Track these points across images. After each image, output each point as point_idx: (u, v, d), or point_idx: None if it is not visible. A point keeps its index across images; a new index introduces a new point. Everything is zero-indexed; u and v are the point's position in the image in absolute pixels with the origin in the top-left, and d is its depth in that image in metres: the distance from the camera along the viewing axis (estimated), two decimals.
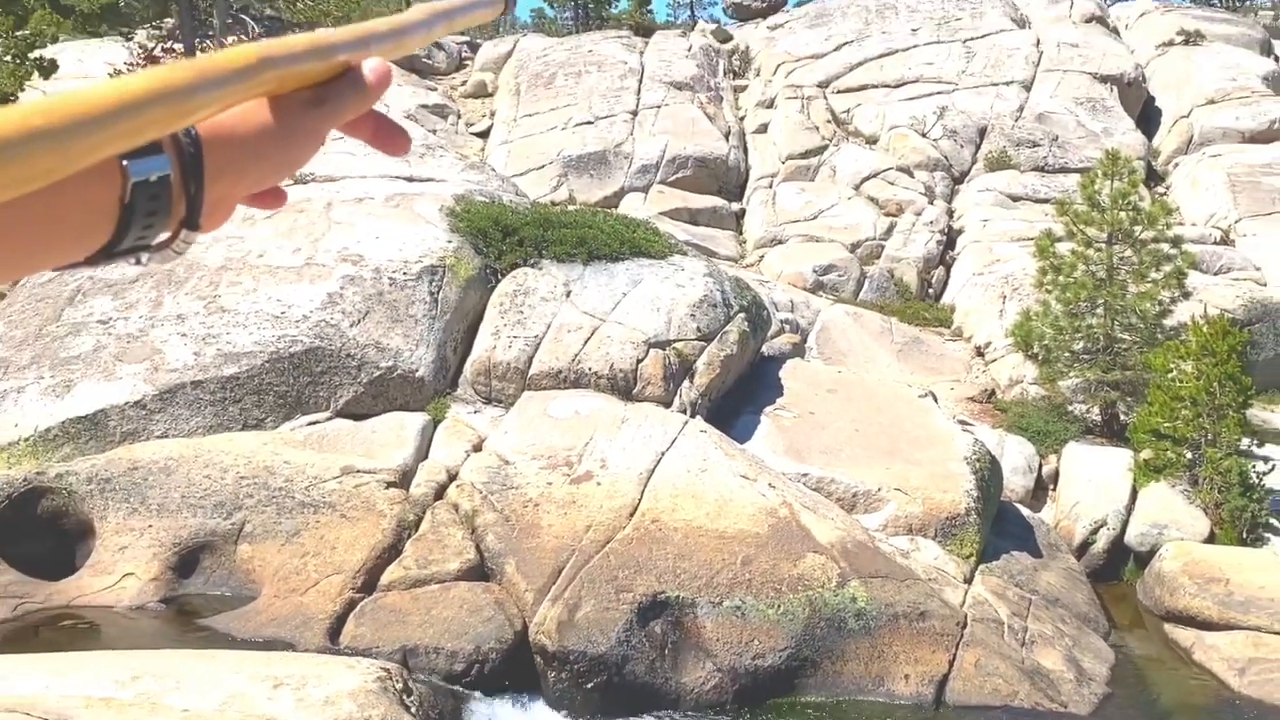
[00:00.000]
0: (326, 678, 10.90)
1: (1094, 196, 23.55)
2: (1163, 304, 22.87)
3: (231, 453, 16.62)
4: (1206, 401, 19.43)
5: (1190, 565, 18.13)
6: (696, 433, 17.44)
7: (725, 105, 41.90)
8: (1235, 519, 18.82)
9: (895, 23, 43.84)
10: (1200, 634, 17.22)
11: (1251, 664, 16.31)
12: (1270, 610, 16.97)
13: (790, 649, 14.82)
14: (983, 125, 37.73)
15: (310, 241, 19.88)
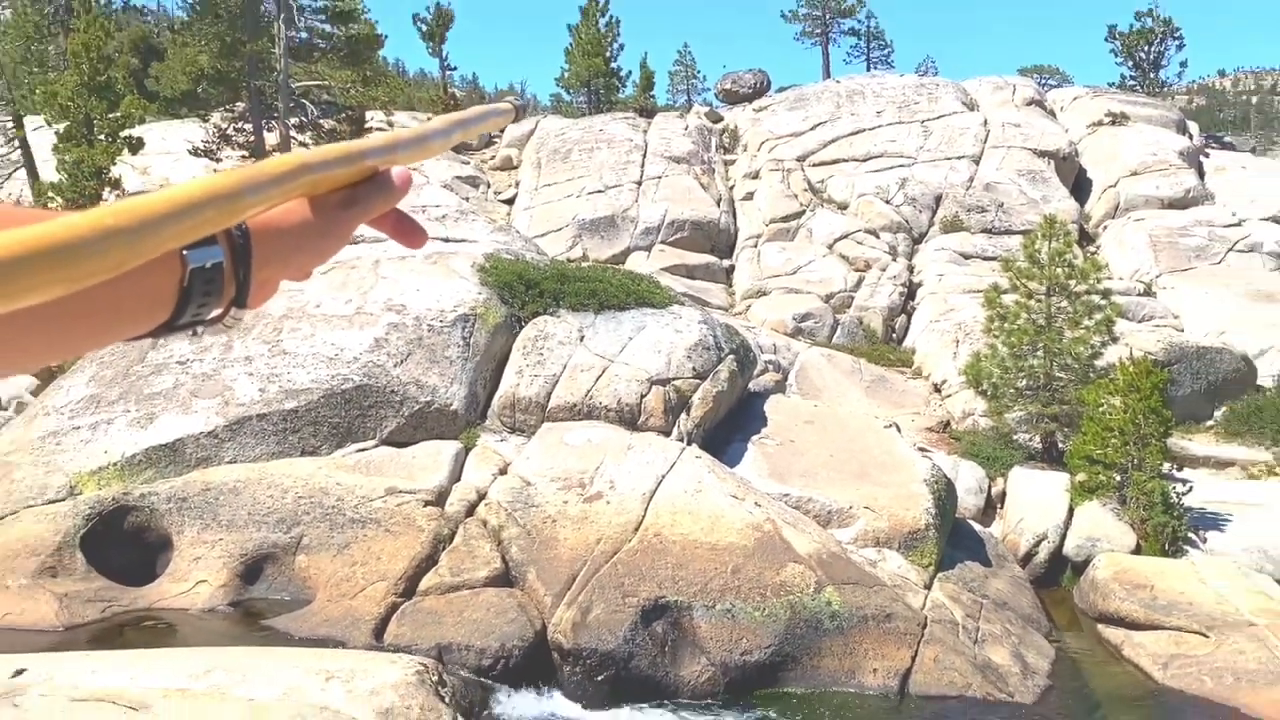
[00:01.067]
0: (372, 671, 10.87)
1: (1034, 255, 23.61)
2: (1094, 347, 22.88)
3: (291, 475, 16.65)
4: (1132, 431, 19.44)
5: (1119, 574, 18.11)
6: (692, 458, 17.44)
7: (717, 176, 42.03)
8: (1158, 533, 18.80)
9: (863, 106, 44.00)
10: (1128, 633, 17.17)
11: (1173, 659, 16.26)
12: (1189, 613, 16.93)
13: (774, 646, 14.76)
14: (938, 193, 37.84)
15: (360, 293, 19.94)
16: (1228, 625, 16.52)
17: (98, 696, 9.36)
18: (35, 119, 31.71)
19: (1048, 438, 22.92)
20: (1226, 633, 16.40)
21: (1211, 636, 16.45)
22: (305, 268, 1.07)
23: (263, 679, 10.21)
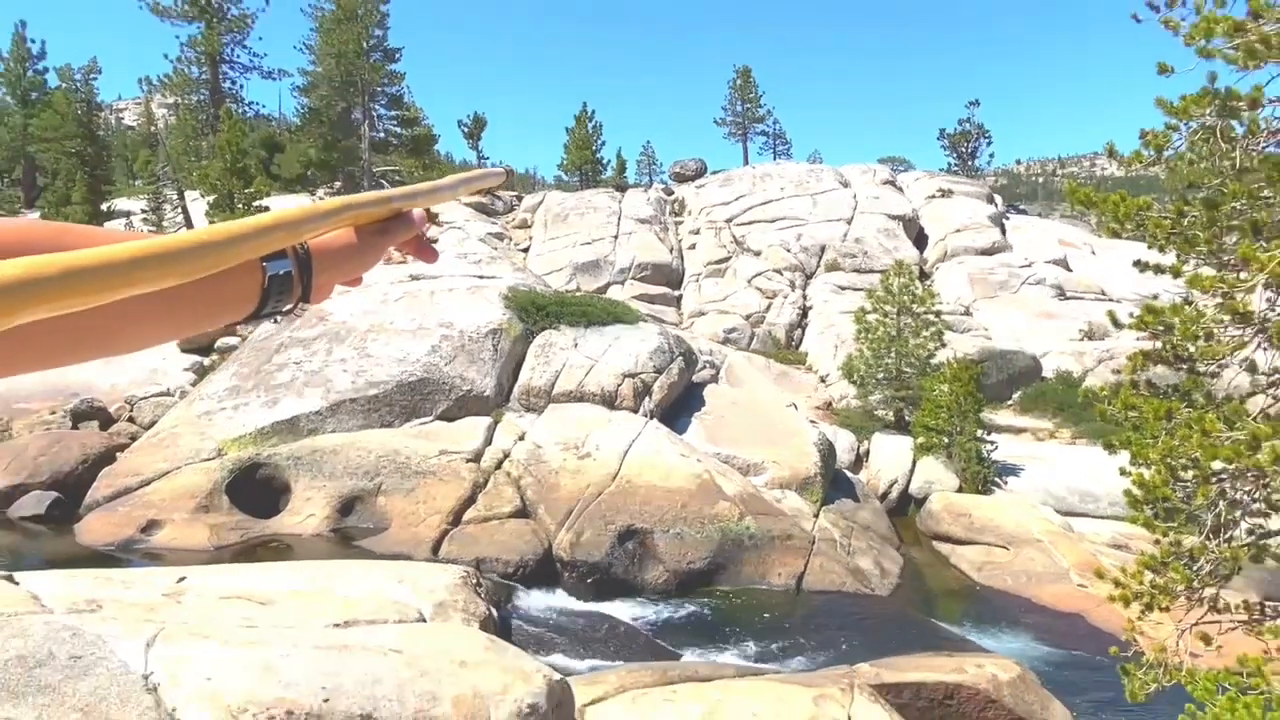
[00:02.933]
0: (430, 576, 10.88)
1: (889, 287, 23.77)
2: (930, 350, 23.07)
3: (373, 441, 16.67)
4: (956, 408, 19.61)
5: (947, 506, 18.26)
6: (653, 428, 17.54)
7: (669, 233, 42.13)
8: (974, 478, 18.98)
9: (771, 184, 44.14)
10: (954, 547, 17.32)
11: (984, 565, 16.41)
12: (995, 533, 17.09)
13: (710, 558, 14.83)
14: (823, 244, 37.99)
15: (421, 315, 19.95)
16: (1022, 541, 16.69)
17: (237, 595, 9.35)
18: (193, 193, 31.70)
19: (898, 413, 23.10)
20: (1021, 547, 16.57)
21: (1011, 549, 16.61)
22: (351, 275, 1.12)
23: (354, 582, 10.21)
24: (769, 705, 8.61)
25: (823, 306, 33.64)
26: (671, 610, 13.96)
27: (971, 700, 10.10)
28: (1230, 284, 5.98)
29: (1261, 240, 5.91)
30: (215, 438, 16.99)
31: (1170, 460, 6.14)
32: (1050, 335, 29.56)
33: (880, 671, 10.40)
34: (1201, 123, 6.15)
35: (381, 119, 33.19)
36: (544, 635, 12.60)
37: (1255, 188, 6.27)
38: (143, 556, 14.26)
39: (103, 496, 15.97)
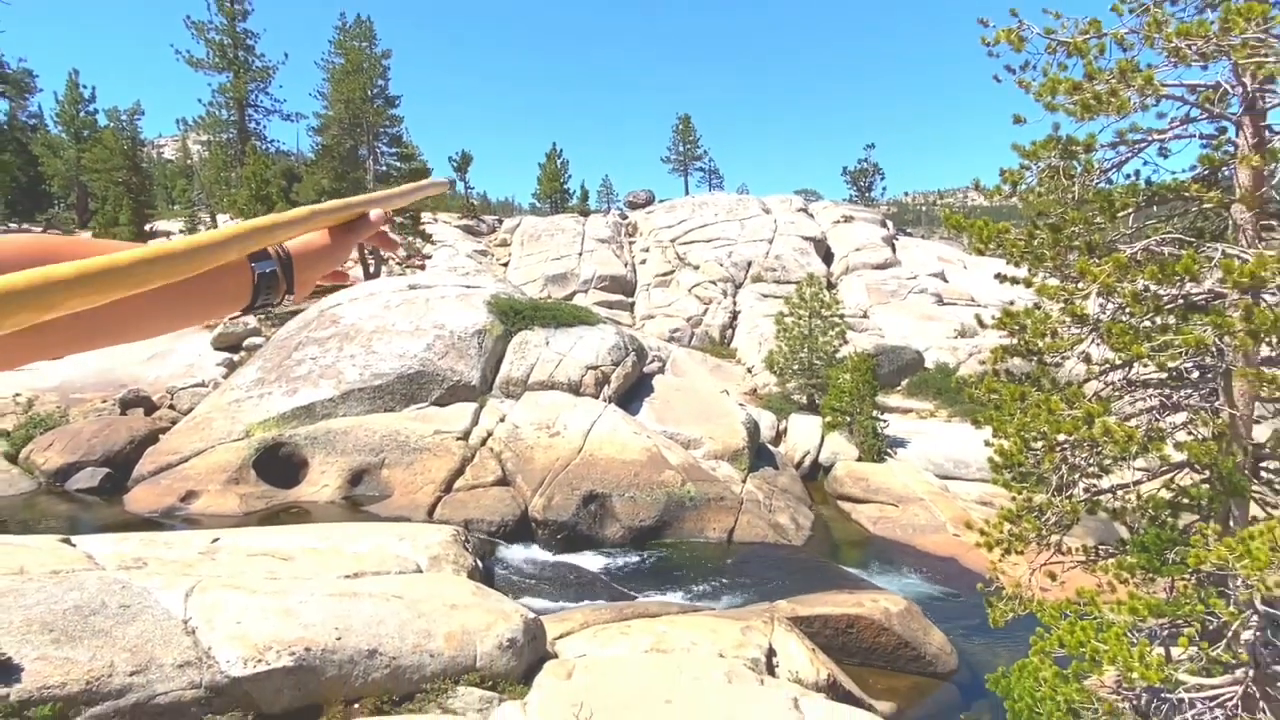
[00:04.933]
0: (426, 534, 10.77)
1: (802, 295, 23.98)
2: (835, 347, 23.32)
3: (378, 423, 16.40)
4: (856, 393, 19.84)
5: (849, 472, 18.48)
6: (612, 411, 17.49)
7: (624, 250, 42.05)
8: (870, 450, 19.19)
9: (707, 211, 44.22)
10: (854, 505, 17.54)
11: (878, 520, 16.65)
12: (887, 493, 17.34)
13: (658, 516, 14.87)
14: (749, 260, 38.18)
15: (418, 317, 19.67)
16: (908, 500, 16.95)
17: (263, 553, 9.19)
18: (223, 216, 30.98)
19: (810, 397, 23.33)
20: (907, 504, 16.83)
21: (899, 506, 16.86)
22: (327, 269, 1.11)
23: (361, 540, 10.08)
24: (705, 635, 8.68)
25: (749, 311, 33.83)
26: (627, 560, 13.98)
27: (868, 628, 10.27)
28: (1070, 292, 6.13)
29: (1095, 258, 6.07)
30: (244, 421, 16.63)
31: (1023, 433, 6.28)
32: (931, 334, 30.03)
33: (795, 607, 10.55)
34: (1048, 163, 6.29)
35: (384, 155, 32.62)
36: (521, 582, 12.55)
37: (1090, 216, 6.44)
38: (182, 521, 13.94)
39: (147, 471, 15.57)
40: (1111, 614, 5.65)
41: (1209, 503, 6.07)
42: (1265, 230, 5.89)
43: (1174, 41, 5.62)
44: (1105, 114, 5.81)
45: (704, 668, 7.48)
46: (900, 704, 9.53)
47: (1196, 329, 5.48)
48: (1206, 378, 6.16)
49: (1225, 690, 5.54)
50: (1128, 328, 5.81)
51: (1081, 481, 6.54)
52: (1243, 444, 5.93)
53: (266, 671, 6.63)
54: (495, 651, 7.46)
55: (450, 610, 7.77)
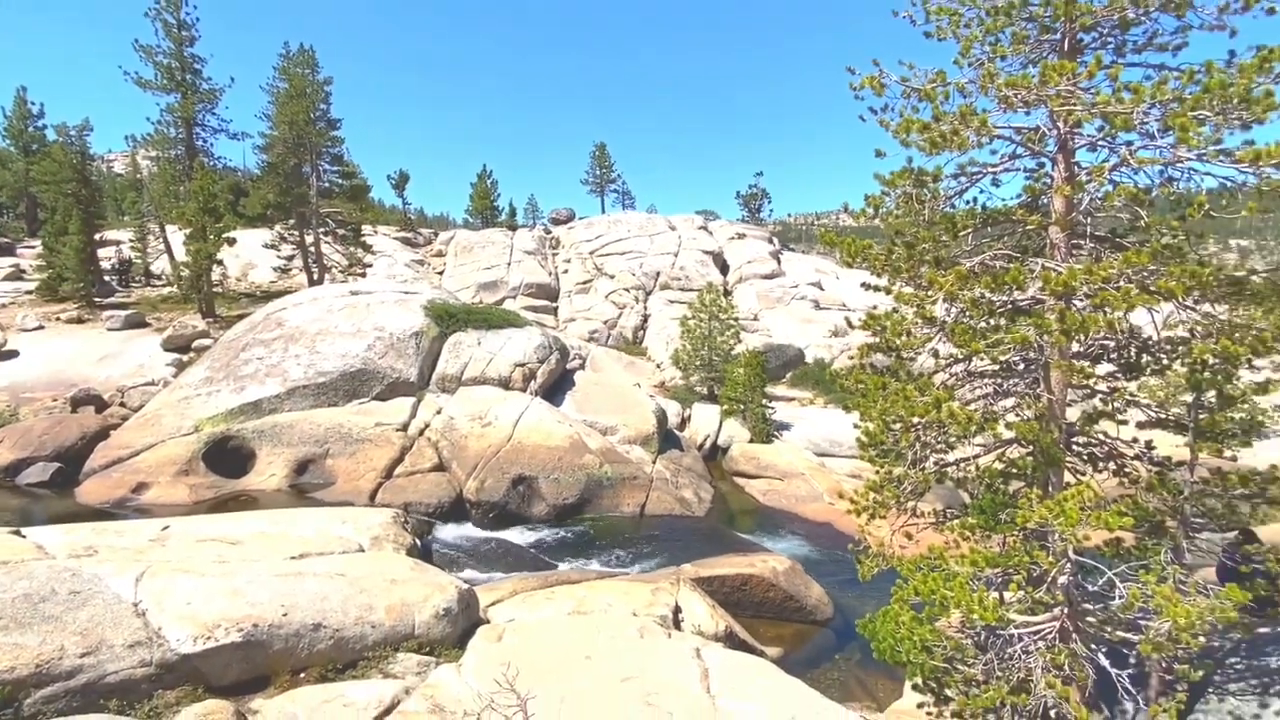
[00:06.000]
0: (367, 516, 10.41)
1: (703, 301, 24.27)
2: (731, 345, 23.69)
3: (323, 417, 15.73)
4: (748, 385, 20.22)
5: (743, 452, 18.83)
6: (538, 404, 17.29)
7: (549, 261, 41.61)
8: (760, 432, 19.59)
9: (621, 227, 44.20)
10: (747, 480, 17.88)
11: (767, 492, 17.02)
12: (775, 469, 17.73)
13: (579, 494, 14.80)
14: (658, 271, 38.36)
15: (360, 320, 18.94)
16: (792, 475, 17.40)
17: (212, 538, 8.70)
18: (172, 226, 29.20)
19: (710, 389, 23.63)
20: (792, 479, 17.27)
21: (785, 480, 17.29)
22: None
23: (306, 524, 9.66)
24: (620, 597, 8.69)
25: (658, 315, 34.02)
26: (552, 534, 13.85)
27: (759, 585, 10.49)
28: (922, 299, 6.41)
29: (941, 270, 6.36)
30: (193, 417, 15.69)
31: (885, 417, 6.52)
32: (810, 334, 30.88)
33: (697, 569, 10.67)
34: (903, 190, 6.54)
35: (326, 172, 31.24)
36: (457, 557, 12.28)
37: (937, 235, 6.74)
38: (134, 511, 13.04)
39: (99, 465, 14.50)
40: (956, 566, 5.94)
41: (1032, 472, 6.45)
42: (1075, 248, 6.31)
43: (1004, 91, 5.93)
44: (949, 150, 6.08)
45: (619, 626, 7.50)
46: (786, 648, 9.79)
47: (1022, 329, 5.81)
48: (1030, 369, 6.55)
49: (1045, 625, 5.91)
50: (968, 328, 6.12)
51: (932, 456, 6.83)
52: (1059, 423, 6.33)
53: (216, 648, 6.29)
54: (432, 620, 7.28)
55: (390, 585, 7.54)
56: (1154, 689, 6.37)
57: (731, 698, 5.81)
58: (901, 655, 6.42)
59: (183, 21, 31.06)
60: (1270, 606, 7.26)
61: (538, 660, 6.57)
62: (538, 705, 5.39)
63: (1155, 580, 5.54)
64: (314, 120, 29.66)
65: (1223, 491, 6.26)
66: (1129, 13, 5.99)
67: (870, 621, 6.93)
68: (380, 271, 34.38)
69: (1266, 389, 6.20)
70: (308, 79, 30.08)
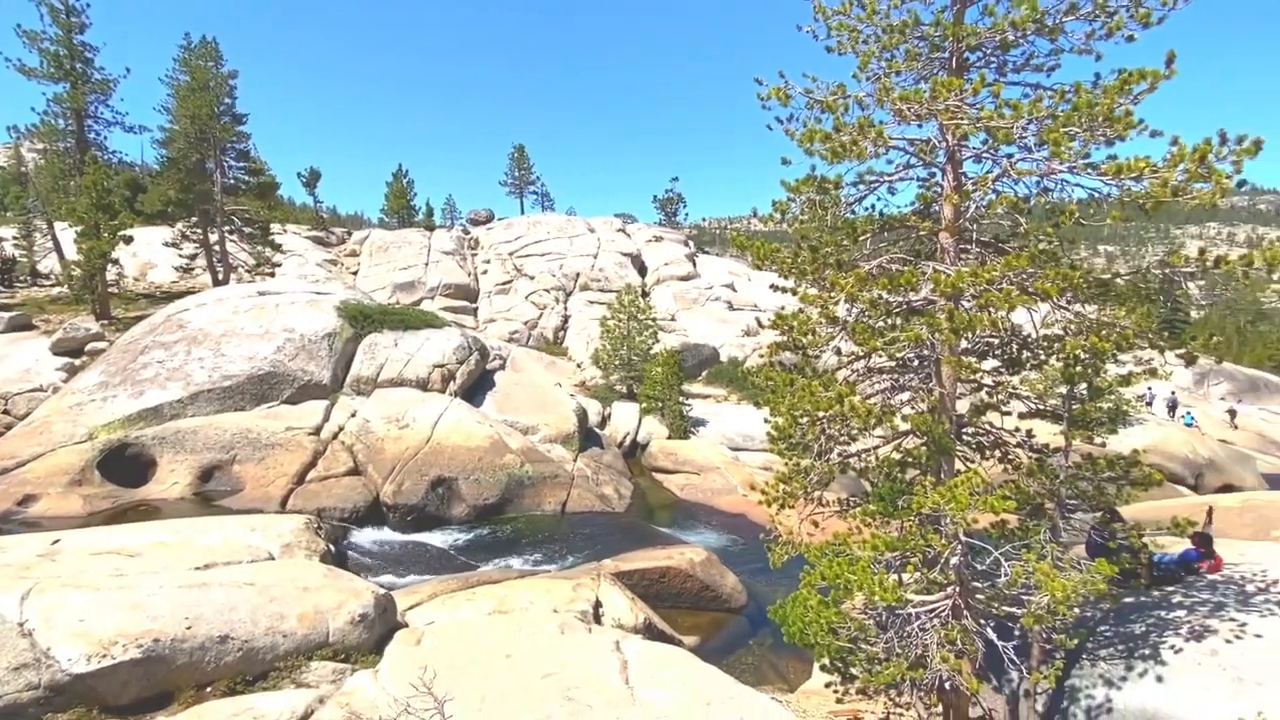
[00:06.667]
0: (278, 523, 9.89)
1: (622, 302, 24.33)
2: (649, 345, 23.84)
3: (229, 422, 14.87)
4: (666, 383, 20.40)
5: (662, 448, 19.00)
6: (457, 404, 16.91)
7: (468, 261, 40.77)
8: (678, 429, 19.82)
9: (541, 229, 43.82)
10: (666, 476, 18.05)
11: (685, 486, 17.23)
12: (692, 464, 17.97)
13: (500, 494, 14.57)
14: (578, 272, 38.25)
15: (268, 321, 18.02)
16: (708, 469, 17.68)
17: (108, 551, 8.08)
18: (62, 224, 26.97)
19: (629, 387, 23.72)
20: (708, 473, 17.55)
21: (701, 475, 17.55)
22: None
23: (213, 533, 9.10)
24: (541, 595, 8.60)
25: (578, 315, 33.90)
26: (473, 535, 13.58)
27: (677, 577, 10.60)
28: (825, 300, 6.61)
29: (843, 272, 6.58)
30: (86, 424, 14.55)
31: (793, 411, 6.69)
32: (725, 334, 31.49)
33: (618, 564, 10.69)
34: (808, 197, 6.73)
35: (231, 168, 29.48)
36: (374, 562, 11.86)
37: (839, 240, 6.98)
38: (20, 526, 11.96)
39: None
40: (859, 551, 6.16)
41: (926, 461, 6.76)
42: (963, 252, 6.65)
43: (898, 105, 6.19)
44: (850, 159, 6.30)
45: (540, 623, 7.41)
46: (703, 636, 9.93)
47: (915, 328, 6.07)
48: (923, 365, 6.86)
49: (939, 603, 6.20)
50: (867, 327, 6.35)
51: (836, 448, 7.05)
52: (949, 415, 6.66)
53: (112, 666, 5.84)
54: (347, 627, 6.99)
55: (303, 592, 7.20)
56: (1036, 658, 6.79)
57: (649, 687, 5.84)
58: (810, 638, 6.60)
59: (71, 7, 28.66)
60: (1133, 578, 7.87)
61: (457, 661, 6.41)
62: (457, 706, 5.25)
63: (1035, 558, 5.90)
64: (218, 115, 28.00)
65: (1093, 475, 6.73)
66: (1009, 35, 6.36)
67: (781, 607, 7.09)
68: (290, 271, 32.82)
69: (1129, 381, 6.71)
70: (211, 72, 28.37)
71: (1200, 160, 5.12)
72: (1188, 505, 12.54)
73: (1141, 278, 6.30)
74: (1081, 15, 6.03)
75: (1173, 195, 5.27)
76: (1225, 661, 6.14)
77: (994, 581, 6.22)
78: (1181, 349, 6.12)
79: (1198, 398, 33.82)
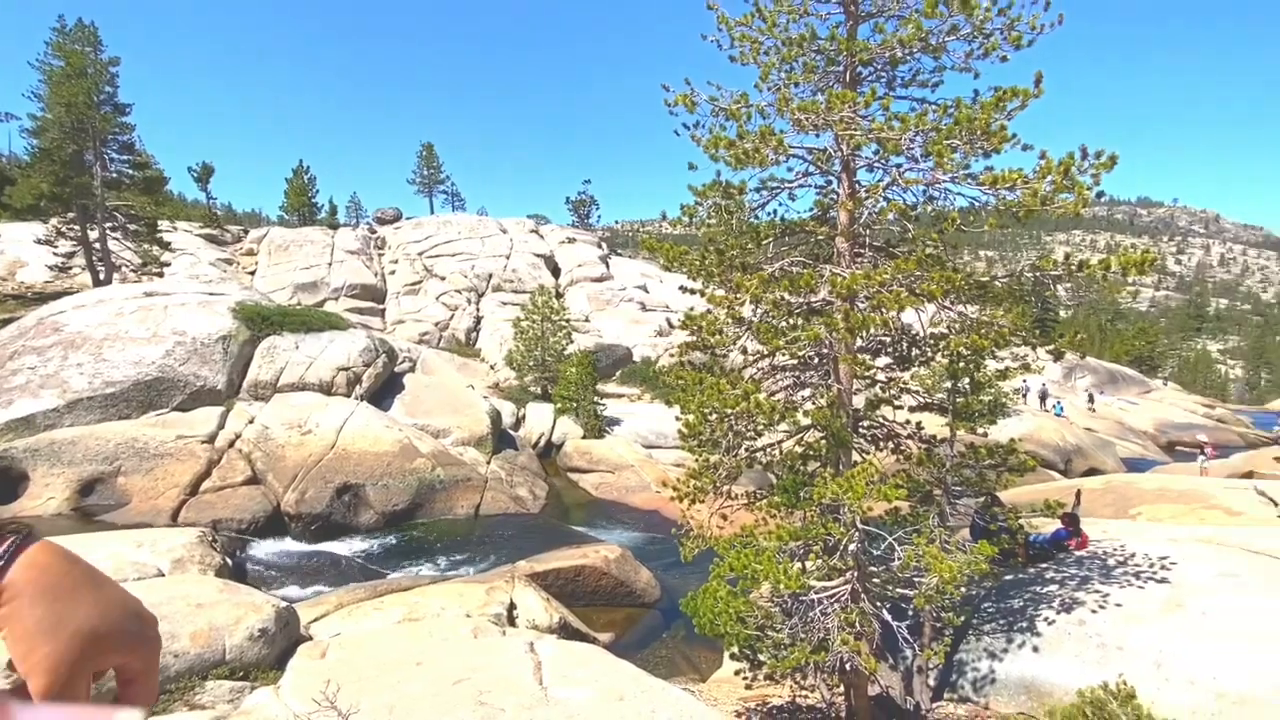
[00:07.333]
0: (168, 538, 9.23)
1: (536, 303, 24.08)
2: (563, 346, 23.72)
3: (112, 431, 13.74)
4: (580, 383, 20.34)
5: (577, 448, 18.93)
6: (364, 409, 16.25)
7: (375, 261, 39.36)
8: (592, 428, 19.80)
9: (451, 229, 42.83)
10: (581, 475, 17.99)
11: (600, 485, 17.24)
12: (606, 463, 17.99)
13: (410, 500, 14.13)
14: (490, 273, 37.62)
15: (156, 324, 16.78)
16: (623, 467, 17.75)
17: None
18: None
19: (544, 388, 23.51)
20: (622, 471, 17.62)
21: (616, 473, 17.60)
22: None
23: (94, 551, 8.38)
24: (454, 600, 8.39)
25: (491, 316, 33.32)
26: (381, 542, 13.10)
27: (592, 574, 10.58)
28: (732, 301, 6.75)
29: (748, 274, 6.74)
30: None
31: (702, 409, 6.80)
32: (638, 334, 31.71)
33: (532, 565, 10.57)
34: (714, 201, 6.87)
35: (114, 161, 27.25)
36: (275, 575, 11.24)
37: (744, 243, 7.15)
38: None
39: None
40: (765, 542, 6.33)
41: (826, 453, 7.02)
42: (857, 256, 6.94)
43: (797, 115, 6.40)
44: (753, 166, 6.46)
45: (452, 629, 7.23)
46: (618, 633, 9.95)
47: (815, 327, 6.30)
48: (822, 362, 7.12)
49: (839, 588, 6.45)
50: (771, 327, 6.54)
51: (743, 443, 7.21)
52: (847, 409, 6.93)
53: None
54: (246, 643, 6.60)
55: (196, 609, 6.74)
56: (927, 636, 7.18)
57: (563, 687, 5.79)
58: (720, 627, 6.73)
59: None
60: (1012, 557, 8.46)
61: (365, 672, 6.16)
62: (363, 718, 5.05)
63: (925, 542, 6.24)
64: (97, 104, 25.86)
65: (975, 463, 7.18)
66: (897, 52, 6.69)
67: (692, 599, 7.19)
68: (181, 271, 30.72)
69: (1006, 376, 7.19)
70: (89, 57, 26.18)
71: (1064, 173, 5.55)
72: (1058, 488, 13.57)
73: (1016, 280, 6.76)
74: (961, 36, 6.41)
75: (1041, 204, 5.68)
76: (1092, 630, 6.68)
77: (889, 565, 6.53)
78: (1051, 345, 6.60)
79: (1066, 390, 36.64)
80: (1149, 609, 6.68)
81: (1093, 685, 4.66)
